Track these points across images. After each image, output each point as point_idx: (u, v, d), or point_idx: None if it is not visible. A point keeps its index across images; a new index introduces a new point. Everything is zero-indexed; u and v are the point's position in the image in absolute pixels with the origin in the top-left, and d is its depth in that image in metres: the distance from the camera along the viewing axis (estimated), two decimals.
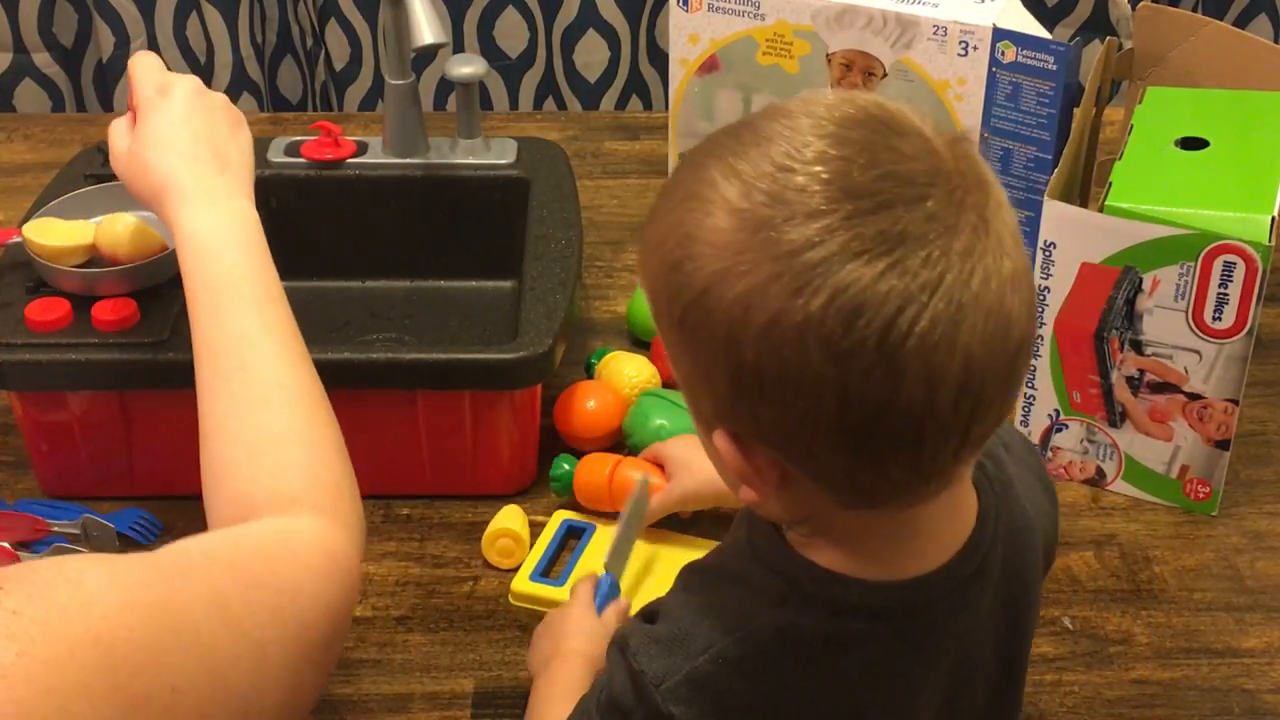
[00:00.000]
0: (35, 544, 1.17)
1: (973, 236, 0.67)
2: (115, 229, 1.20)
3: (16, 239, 1.24)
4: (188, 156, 1.03)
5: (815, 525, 0.76)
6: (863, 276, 0.65)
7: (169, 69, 1.11)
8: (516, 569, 1.17)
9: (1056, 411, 1.25)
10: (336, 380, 1.17)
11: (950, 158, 0.69)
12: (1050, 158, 1.34)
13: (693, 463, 1.14)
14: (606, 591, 1.06)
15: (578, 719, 0.82)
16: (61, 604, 0.68)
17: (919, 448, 0.69)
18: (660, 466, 1.18)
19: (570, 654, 1.00)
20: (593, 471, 1.20)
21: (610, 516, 1.18)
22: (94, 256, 1.22)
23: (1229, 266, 1.13)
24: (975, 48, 1.32)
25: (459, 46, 1.95)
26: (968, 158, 0.70)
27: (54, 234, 1.22)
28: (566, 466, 1.22)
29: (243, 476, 0.91)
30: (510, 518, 1.19)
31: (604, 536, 1.18)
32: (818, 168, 0.68)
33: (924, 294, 0.66)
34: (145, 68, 1.09)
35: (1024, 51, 1.31)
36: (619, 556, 1.11)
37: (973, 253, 0.67)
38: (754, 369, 0.68)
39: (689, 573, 0.82)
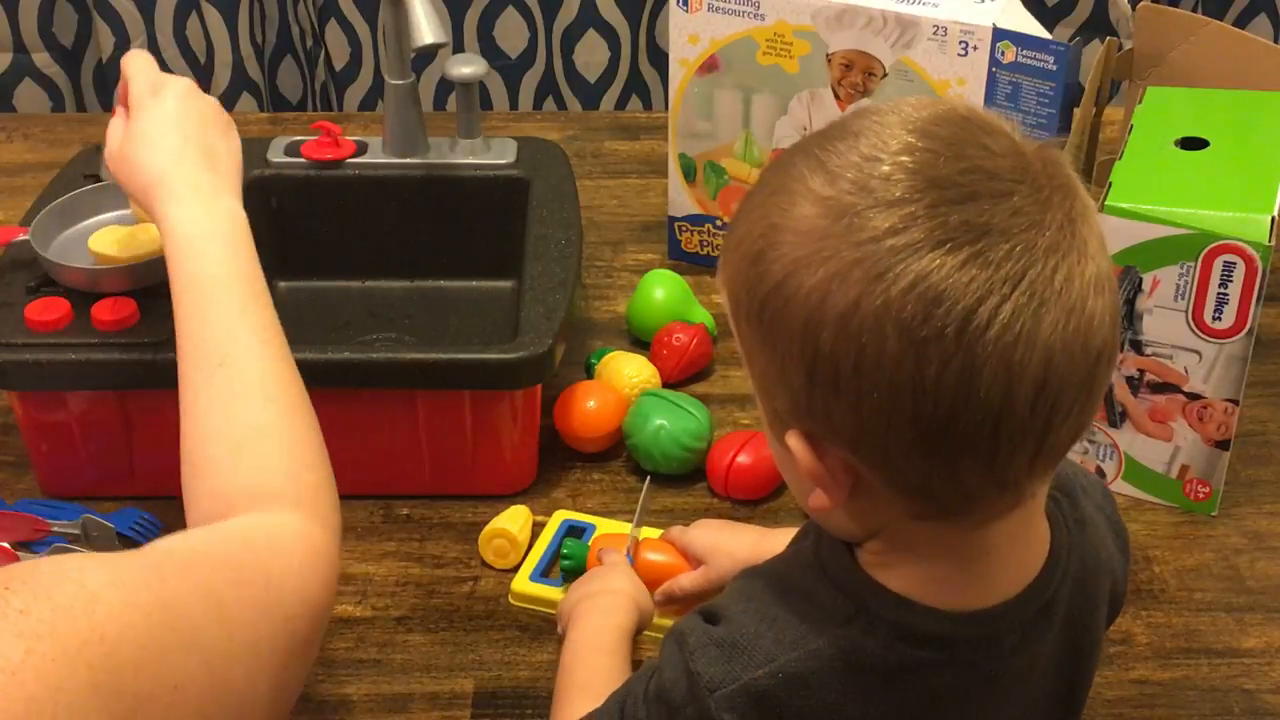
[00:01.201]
0: (35, 544, 1.17)
1: (1058, 235, 0.67)
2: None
3: (22, 237, 1.24)
4: (177, 155, 1.04)
5: (886, 541, 0.75)
6: (945, 264, 0.65)
7: (169, 69, 1.12)
8: (514, 569, 1.17)
9: None
10: (336, 380, 1.18)
11: (1038, 160, 0.69)
12: None
13: (723, 545, 1.08)
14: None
15: (622, 697, 0.81)
16: (67, 604, 0.68)
17: (994, 449, 0.68)
18: (684, 554, 1.10)
19: (619, 593, 1.01)
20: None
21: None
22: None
23: (1229, 266, 1.13)
24: (975, 48, 1.32)
25: (459, 46, 1.95)
26: (1055, 162, 0.70)
27: (122, 243, 1.23)
28: (571, 551, 1.13)
29: (223, 472, 0.91)
30: (511, 519, 1.19)
31: (604, 536, 1.18)
32: (904, 158, 0.68)
33: (1006, 286, 0.65)
34: (139, 67, 1.09)
35: (1024, 51, 1.31)
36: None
37: (1057, 250, 0.67)
38: (830, 359, 0.68)
39: (750, 577, 0.80)
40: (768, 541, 1.04)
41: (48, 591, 0.68)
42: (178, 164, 1.03)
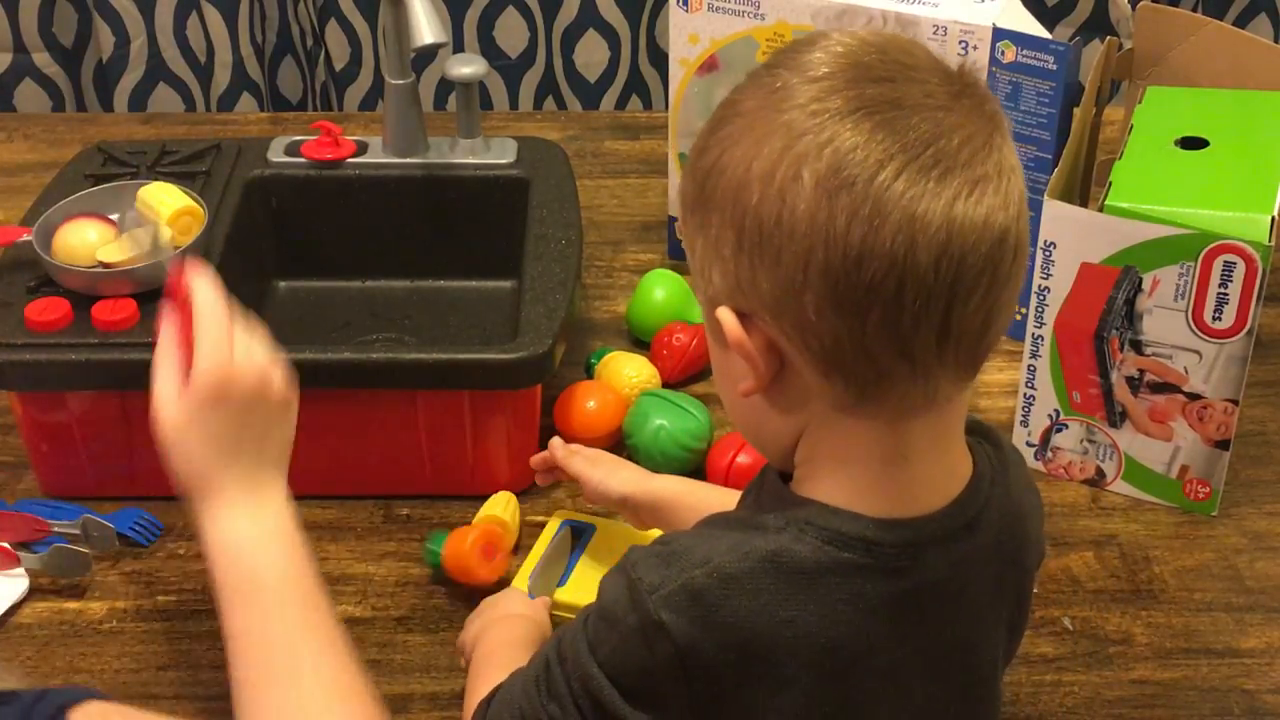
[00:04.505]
0: (35, 544, 1.17)
1: (965, 118, 0.74)
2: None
3: (26, 238, 1.24)
4: (230, 455, 0.95)
5: (811, 445, 0.79)
6: (859, 127, 0.72)
7: (169, 69, 1.09)
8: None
9: (1056, 411, 1.25)
10: (336, 380, 1.18)
11: (961, 70, 0.76)
12: (1050, 158, 1.33)
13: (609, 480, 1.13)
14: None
15: (555, 642, 0.83)
16: None
17: (899, 308, 0.72)
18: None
19: (513, 616, 1.04)
20: (457, 546, 1.15)
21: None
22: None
23: (1229, 266, 1.13)
24: (975, 47, 1.32)
25: (459, 46, 1.95)
26: (977, 78, 0.77)
27: (124, 247, 1.23)
28: (434, 548, 1.16)
29: None
30: (498, 505, 1.20)
31: (604, 536, 1.19)
32: (836, 48, 0.76)
33: (913, 149, 0.72)
34: (211, 335, 0.97)
35: (1024, 51, 1.31)
36: (542, 580, 1.14)
37: (963, 129, 0.73)
38: (755, 217, 0.74)
39: (702, 521, 0.84)
40: (650, 481, 1.12)
41: None
42: (231, 462, 0.95)
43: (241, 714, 0.89)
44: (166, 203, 1.26)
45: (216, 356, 0.96)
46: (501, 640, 1.02)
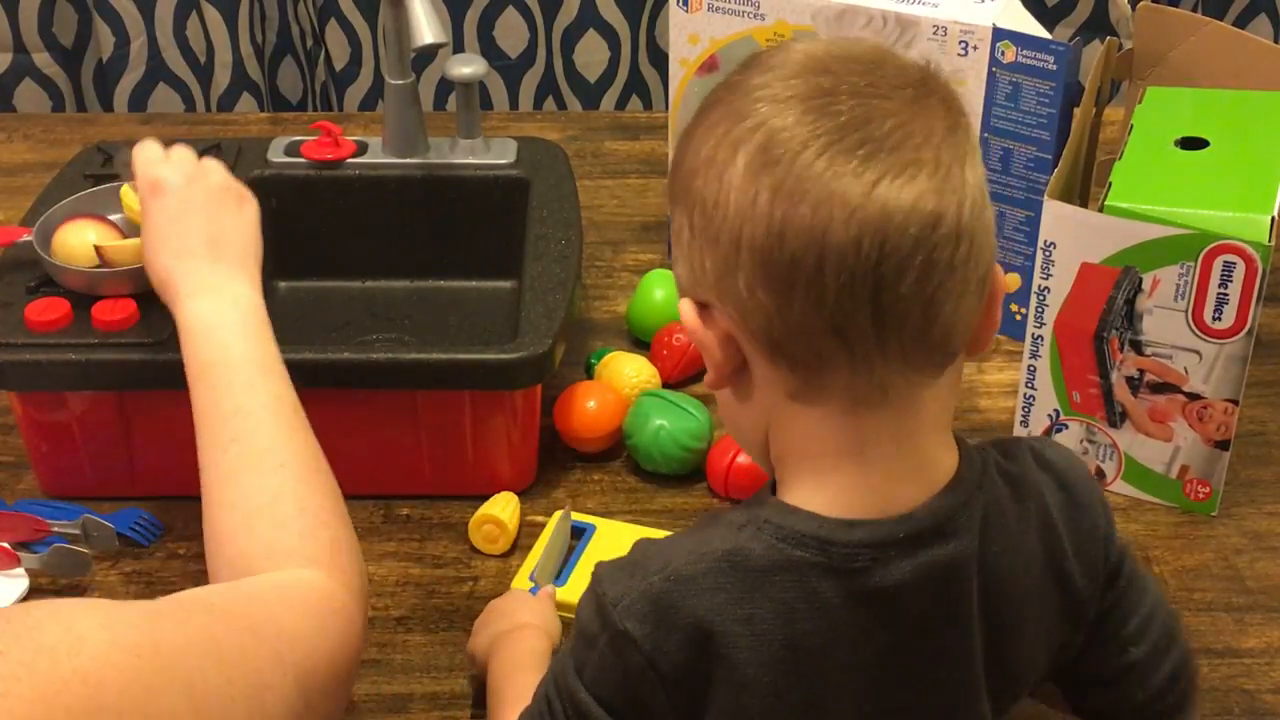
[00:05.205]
0: (35, 544, 1.17)
1: (907, 108, 0.74)
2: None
3: (26, 238, 1.24)
4: (181, 253, 1.07)
5: (779, 442, 0.80)
6: (792, 109, 0.74)
7: (169, 69, 1.12)
8: (505, 555, 1.19)
9: (1056, 411, 1.25)
10: (336, 380, 1.18)
11: (921, 70, 0.77)
12: (1050, 158, 1.34)
13: None
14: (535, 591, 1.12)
15: (556, 669, 0.83)
16: (50, 645, 0.68)
17: (822, 284, 0.73)
18: None
19: (523, 626, 1.03)
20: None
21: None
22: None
23: (1229, 266, 1.13)
24: (975, 48, 1.32)
25: (459, 46, 1.95)
26: (941, 78, 0.78)
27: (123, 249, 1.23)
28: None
29: (240, 539, 0.93)
30: (498, 505, 1.20)
31: (604, 536, 1.19)
32: (799, 48, 0.78)
33: (841, 131, 0.73)
34: (140, 164, 1.13)
35: (1024, 51, 1.31)
36: (544, 571, 1.15)
37: (897, 115, 0.74)
38: (700, 200, 0.76)
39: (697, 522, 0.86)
40: None
41: (30, 633, 0.68)
42: (181, 263, 1.07)
43: (202, 488, 0.96)
44: None
45: (146, 169, 1.11)
46: (512, 664, 1.00)
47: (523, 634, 1.03)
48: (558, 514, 1.20)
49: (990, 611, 0.82)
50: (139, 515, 1.21)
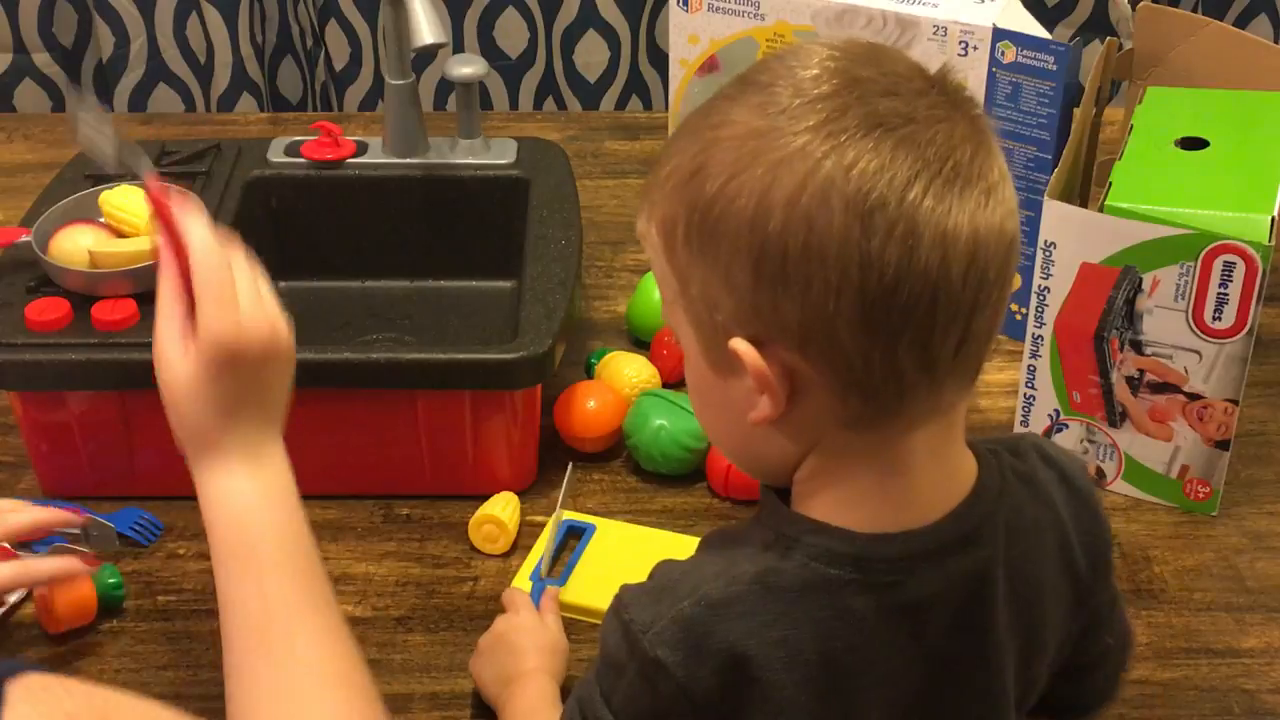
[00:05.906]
0: (35, 544, 1.17)
1: (969, 128, 0.74)
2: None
3: (25, 238, 1.24)
4: (233, 415, 0.92)
5: (815, 462, 0.78)
6: (881, 145, 0.71)
7: (169, 69, 1.09)
8: (505, 555, 1.19)
9: (1056, 411, 1.25)
10: (336, 380, 1.18)
11: (941, 75, 0.76)
12: (1050, 158, 1.34)
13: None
14: (538, 587, 1.12)
15: (581, 696, 0.82)
16: None
17: (931, 324, 0.71)
18: None
19: (532, 673, 1.02)
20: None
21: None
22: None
23: (1229, 266, 1.13)
24: (975, 48, 1.32)
25: (459, 46, 1.95)
26: (956, 80, 0.76)
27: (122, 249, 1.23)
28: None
29: None
30: (498, 505, 1.20)
31: (604, 536, 1.19)
32: (828, 63, 0.74)
33: (934, 164, 0.71)
34: (214, 291, 0.93)
35: (1024, 51, 1.31)
36: (546, 558, 1.15)
37: (970, 140, 0.73)
38: (779, 243, 0.71)
39: (702, 541, 0.84)
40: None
41: None
42: (235, 423, 0.92)
43: (231, 688, 0.88)
44: (139, 211, 1.25)
45: (222, 317, 0.91)
46: (527, 712, 0.99)
47: (527, 678, 1.02)
48: (555, 517, 1.20)
49: (1018, 613, 0.82)
50: (139, 515, 1.21)
